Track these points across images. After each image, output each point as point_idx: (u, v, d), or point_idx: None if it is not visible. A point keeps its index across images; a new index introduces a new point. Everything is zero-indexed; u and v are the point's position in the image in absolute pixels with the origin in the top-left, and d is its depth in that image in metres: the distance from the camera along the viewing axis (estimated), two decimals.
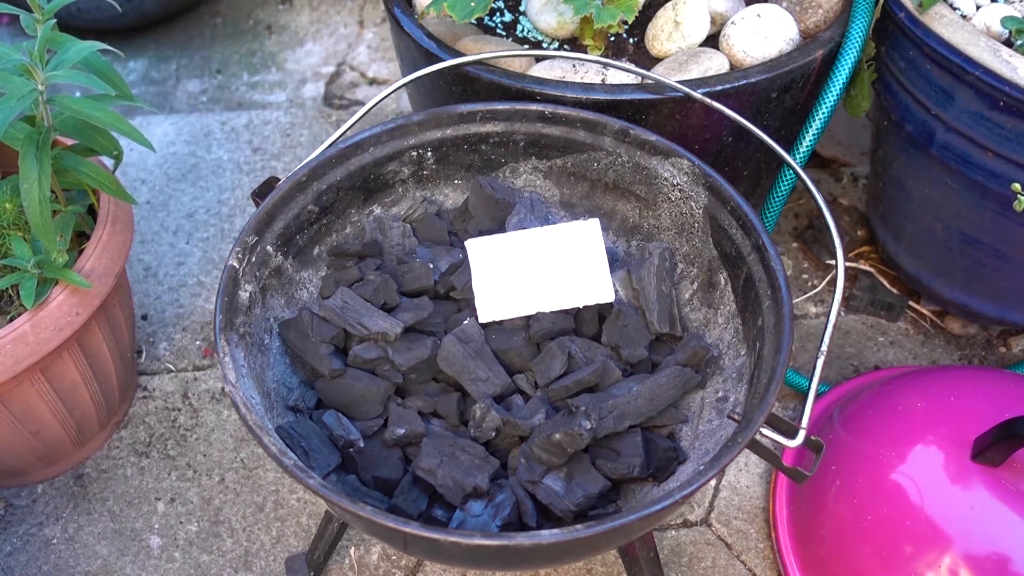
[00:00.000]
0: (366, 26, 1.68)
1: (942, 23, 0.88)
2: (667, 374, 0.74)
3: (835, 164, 1.36)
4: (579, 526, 0.58)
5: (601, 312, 0.81)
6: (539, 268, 0.77)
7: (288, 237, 0.80)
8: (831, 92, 0.98)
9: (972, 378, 0.91)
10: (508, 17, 1.09)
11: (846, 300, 1.17)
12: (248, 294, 0.75)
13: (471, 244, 0.78)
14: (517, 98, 0.89)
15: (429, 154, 0.86)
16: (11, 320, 0.81)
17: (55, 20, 0.79)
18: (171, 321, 1.16)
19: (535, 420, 0.72)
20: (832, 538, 0.84)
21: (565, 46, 1.05)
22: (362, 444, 0.73)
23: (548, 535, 0.57)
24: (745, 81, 0.90)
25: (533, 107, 0.84)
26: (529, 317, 0.78)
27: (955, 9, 0.92)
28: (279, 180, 0.80)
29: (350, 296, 0.78)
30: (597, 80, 0.95)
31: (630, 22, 0.93)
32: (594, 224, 0.79)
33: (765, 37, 0.95)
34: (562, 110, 0.84)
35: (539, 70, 0.97)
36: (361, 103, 1.51)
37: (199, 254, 1.23)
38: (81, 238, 0.92)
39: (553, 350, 0.75)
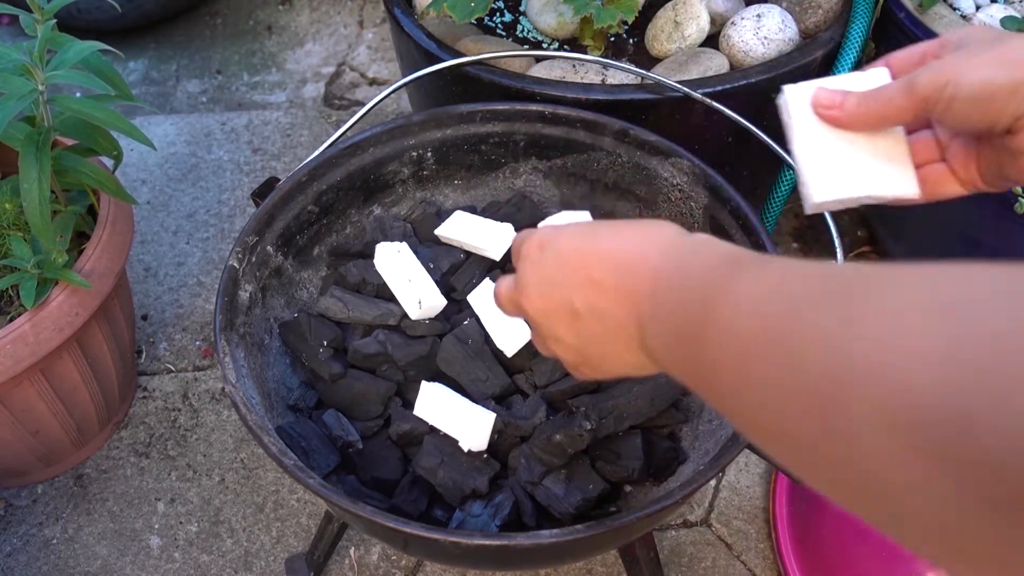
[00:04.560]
0: (366, 26, 1.68)
1: (942, 23, 0.88)
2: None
3: None
4: (579, 526, 0.58)
5: None
6: None
7: (288, 237, 0.80)
8: None
9: None
10: (508, 17, 1.09)
11: None
12: (248, 294, 0.75)
13: (472, 297, 0.78)
14: (517, 98, 0.89)
15: (429, 154, 0.86)
16: (11, 320, 0.81)
17: (55, 20, 0.79)
18: (171, 321, 1.16)
19: (535, 420, 0.72)
20: (832, 538, 0.84)
21: (565, 46, 1.05)
22: (360, 446, 0.73)
23: (548, 535, 0.57)
24: (745, 81, 0.90)
25: (533, 107, 0.84)
26: None
27: (955, 9, 0.92)
28: (279, 180, 0.80)
29: (346, 292, 0.78)
30: (597, 80, 0.95)
31: (630, 22, 0.93)
32: (584, 216, 0.80)
33: (765, 37, 0.95)
34: (562, 110, 0.84)
35: (539, 70, 0.97)
36: (361, 103, 1.51)
37: (199, 254, 1.23)
38: (81, 238, 0.92)
39: None
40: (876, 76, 0.47)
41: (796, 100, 0.48)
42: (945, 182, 0.47)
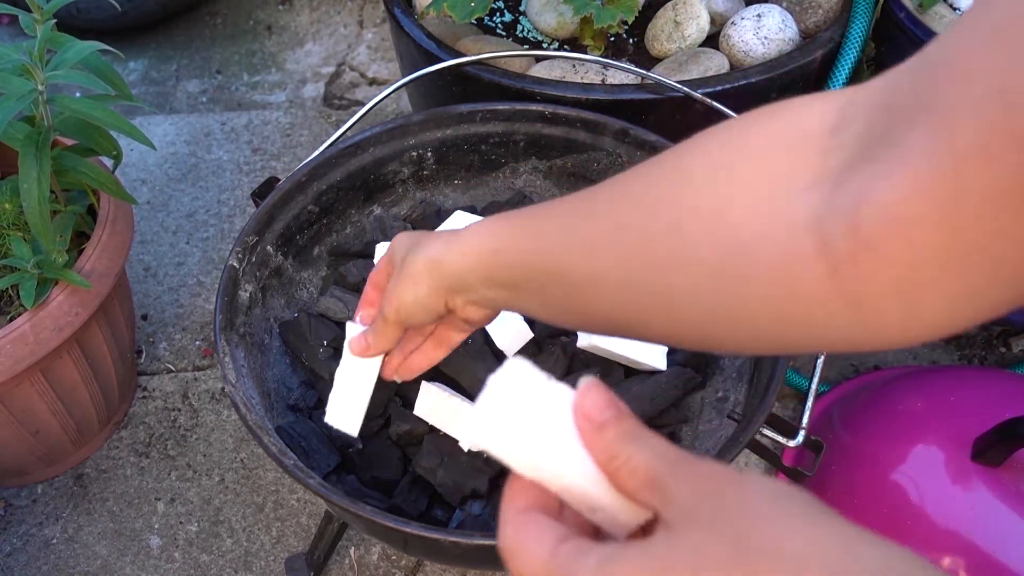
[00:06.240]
0: (366, 26, 1.68)
1: (942, 23, 0.88)
2: (667, 374, 0.74)
3: None
4: None
5: None
6: None
7: (288, 237, 0.80)
8: None
9: (972, 378, 0.91)
10: (508, 17, 1.09)
11: None
12: (248, 294, 0.75)
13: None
14: (517, 98, 0.89)
15: (429, 154, 0.86)
16: (11, 320, 0.81)
17: (55, 20, 0.79)
18: (171, 321, 1.16)
19: None
20: None
21: (565, 46, 1.05)
22: (360, 445, 0.73)
23: None
24: (745, 81, 0.90)
25: (533, 107, 0.84)
26: None
27: (955, 9, 0.92)
28: (279, 180, 0.80)
29: (346, 292, 0.78)
30: (597, 80, 0.95)
31: (630, 22, 0.93)
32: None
33: (765, 37, 0.95)
34: (562, 110, 0.84)
35: (539, 70, 0.97)
36: (361, 103, 1.51)
37: (199, 254, 1.23)
38: (81, 238, 0.92)
39: (554, 351, 0.75)
40: (512, 374, 0.34)
41: (510, 405, 0.33)
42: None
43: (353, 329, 0.68)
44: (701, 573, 0.26)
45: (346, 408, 0.66)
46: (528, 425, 0.32)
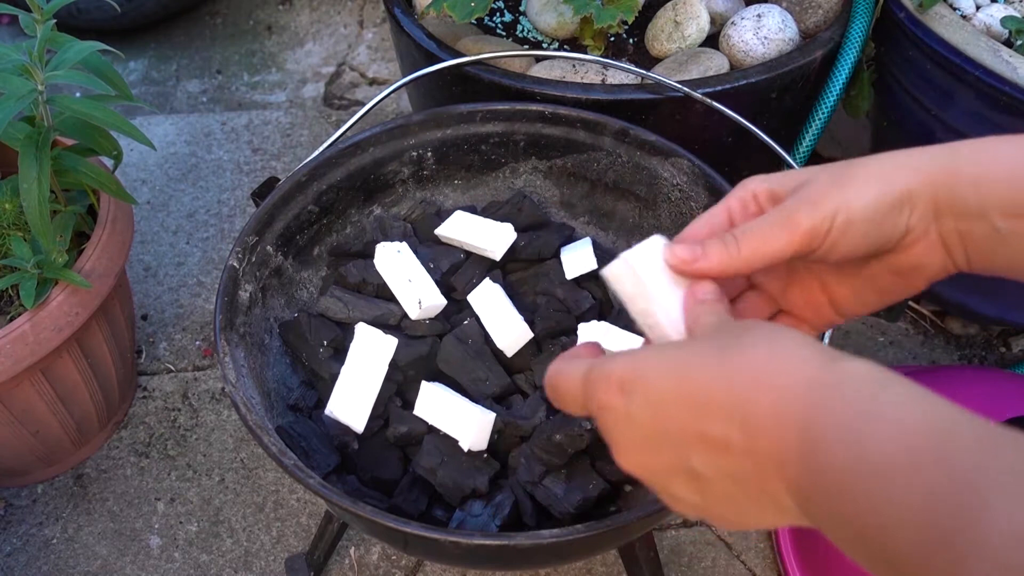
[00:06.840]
0: (366, 26, 1.68)
1: (942, 23, 0.88)
2: None
3: None
4: (579, 526, 0.58)
5: (603, 312, 0.81)
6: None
7: (288, 237, 0.80)
8: (831, 92, 0.98)
9: (972, 378, 0.91)
10: (508, 17, 1.09)
11: None
12: (248, 294, 0.75)
13: (472, 297, 0.78)
14: (517, 98, 0.89)
15: (429, 154, 0.86)
16: (11, 320, 0.81)
17: (55, 20, 0.79)
18: (171, 321, 1.16)
19: (535, 420, 0.72)
20: None
21: (565, 46, 1.05)
22: (356, 445, 0.73)
23: (548, 535, 0.57)
24: (745, 81, 0.90)
25: (533, 107, 0.84)
26: (533, 314, 0.78)
27: (955, 9, 0.92)
28: (279, 180, 0.80)
29: (346, 292, 0.78)
30: (597, 80, 0.95)
31: (630, 22, 0.93)
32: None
33: (765, 37, 0.95)
34: (562, 110, 0.84)
35: (539, 70, 0.97)
36: (361, 103, 1.51)
37: (199, 254, 1.23)
38: (81, 238, 0.92)
39: (554, 351, 0.75)
40: (653, 244, 0.42)
41: (643, 264, 0.41)
42: None
43: (364, 329, 0.69)
44: (692, 359, 0.34)
45: (352, 402, 0.68)
46: (651, 282, 0.41)
